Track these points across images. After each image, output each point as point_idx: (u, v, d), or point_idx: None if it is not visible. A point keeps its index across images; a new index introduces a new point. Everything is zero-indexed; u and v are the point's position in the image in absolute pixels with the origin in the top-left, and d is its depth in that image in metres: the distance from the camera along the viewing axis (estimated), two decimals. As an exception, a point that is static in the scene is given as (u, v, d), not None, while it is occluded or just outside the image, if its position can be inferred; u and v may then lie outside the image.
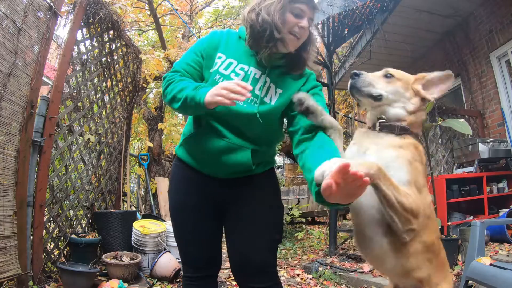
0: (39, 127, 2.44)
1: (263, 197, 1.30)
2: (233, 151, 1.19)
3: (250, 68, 1.21)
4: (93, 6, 2.97)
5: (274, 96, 1.21)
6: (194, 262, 1.32)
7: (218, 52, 1.23)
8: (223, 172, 1.25)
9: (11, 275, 2.04)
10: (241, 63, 1.21)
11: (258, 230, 1.26)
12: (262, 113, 1.17)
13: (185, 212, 1.30)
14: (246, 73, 1.20)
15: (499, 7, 4.32)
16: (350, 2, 4.12)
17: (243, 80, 1.18)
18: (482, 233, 2.00)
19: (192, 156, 1.28)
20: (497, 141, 3.98)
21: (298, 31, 1.15)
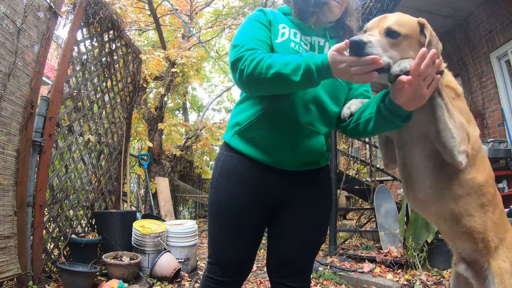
0: (39, 127, 2.44)
1: (320, 197, 1.22)
2: (308, 136, 1.11)
3: (312, 38, 1.18)
4: (93, 6, 2.97)
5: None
6: (227, 264, 1.19)
7: (280, 23, 1.17)
8: (293, 162, 1.13)
9: (11, 275, 2.04)
10: (303, 34, 1.17)
11: (310, 233, 1.20)
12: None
13: (232, 210, 1.16)
14: (310, 43, 1.17)
15: (499, 7, 4.32)
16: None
17: (311, 50, 1.16)
18: (482, 233, 2.00)
19: (257, 144, 1.13)
20: (497, 141, 3.97)
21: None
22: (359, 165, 6.01)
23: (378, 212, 4.00)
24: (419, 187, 1.06)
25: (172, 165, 6.42)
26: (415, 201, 1.11)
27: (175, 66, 5.49)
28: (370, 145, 7.36)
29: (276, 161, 1.14)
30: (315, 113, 1.12)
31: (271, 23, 1.17)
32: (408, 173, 1.09)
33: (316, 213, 1.21)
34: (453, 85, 1.05)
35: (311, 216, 1.20)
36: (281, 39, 1.13)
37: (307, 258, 1.22)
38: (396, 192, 5.52)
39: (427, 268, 2.91)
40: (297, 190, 1.18)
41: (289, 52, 1.09)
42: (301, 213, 1.19)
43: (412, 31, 0.98)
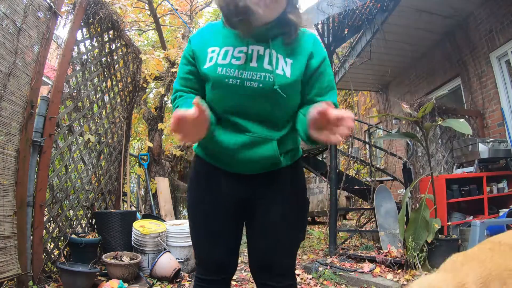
0: (39, 127, 2.44)
1: (290, 195, 1.21)
2: (256, 145, 1.11)
3: (249, 48, 1.10)
4: (93, 6, 2.97)
5: (286, 67, 1.10)
6: (208, 263, 1.23)
7: (208, 47, 1.14)
8: (247, 169, 1.15)
9: (11, 275, 2.04)
10: (238, 47, 1.11)
11: (284, 232, 1.20)
12: (281, 85, 1.07)
13: (204, 209, 1.20)
14: (246, 54, 1.10)
15: (499, 7, 4.32)
16: (350, 2, 4.12)
17: (246, 59, 1.09)
18: (482, 233, 2.01)
19: (211, 156, 1.19)
20: (497, 141, 3.97)
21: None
22: (359, 165, 6.01)
23: (378, 212, 4.00)
24: None
25: (172, 165, 6.42)
26: None
27: (175, 66, 5.49)
28: (370, 145, 7.36)
29: (234, 169, 1.16)
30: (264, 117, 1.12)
31: (195, 52, 1.16)
32: None
33: (288, 212, 1.19)
34: None
35: (283, 215, 1.19)
36: (209, 65, 1.11)
37: (286, 257, 1.22)
38: (396, 192, 5.52)
39: (427, 268, 2.91)
40: (265, 190, 1.19)
41: (217, 78, 1.09)
42: (273, 213, 1.18)
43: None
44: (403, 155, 5.73)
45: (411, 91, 6.54)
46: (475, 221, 2.06)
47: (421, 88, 6.18)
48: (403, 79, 6.83)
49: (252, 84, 1.07)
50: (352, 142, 5.64)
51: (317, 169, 5.63)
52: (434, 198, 2.29)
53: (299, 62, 1.12)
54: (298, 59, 1.12)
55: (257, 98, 1.08)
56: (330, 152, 4.72)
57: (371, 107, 8.13)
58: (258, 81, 1.07)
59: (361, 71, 6.10)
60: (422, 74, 6.22)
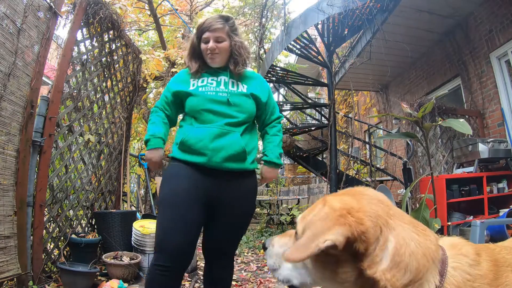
0: (39, 127, 2.44)
1: (249, 200, 1.67)
2: (225, 134, 1.55)
3: (219, 77, 1.69)
4: (93, 6, 2.97)
5: (243, 88, 1.70)
6: (173, 250, 1.42)
7: (189, 78, 1.71)
8: (219, 157, 1.52)
9: (11, 275, 2.04)
10: (210, 77, 1.70)
11: (237, 231, 1.68)
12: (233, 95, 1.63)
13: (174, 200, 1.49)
14: (217, 81, 1.68)
15: (499, 7, 4.32)
16: (350, 2, 4.13)
17: (217, 84, 1.66)
18: (482, 233, 2.01)
19: (190, 150, 1.55)
20: (497, 141, 3.97)
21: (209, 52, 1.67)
22: (359, 165, 6.00)
23: (378, 212, 3.99)
24: None
25: (172, 165, 6.41)
26: None
27: (175, 66, 5.49)
28: (370, 145, 7.36)
29: (208, 159, 1.52)
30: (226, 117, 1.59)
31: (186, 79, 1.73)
32: None
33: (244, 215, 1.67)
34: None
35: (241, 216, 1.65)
36: (193, 87, 1.67)
37: (233, 246, 1.73)
38: (396, 192, 5.52)
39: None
40: (227, 190, 1.57)
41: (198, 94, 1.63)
42: (233, 215, 1.61)
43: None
44: (403, 155, 5.73)
45: (411, 91, 6.54)
46: (475, 221, 2.06)
47: (421, 88, 6.18)
48: (403, 79, 6.83)
49: (223, 94, 1.63)
50: (352, 142, 5.64)
51: (317, 169, 5.63)
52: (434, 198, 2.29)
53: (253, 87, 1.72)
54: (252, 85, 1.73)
55: (225, 104, 1.60)
56: (330, 152, 4.72)
57: (371, 107, 8.13)
58: (227, 92, 1.63)
59: (361, 71, 6.10)
60: (422, 74, 6.22)
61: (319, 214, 0.72)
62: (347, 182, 4.62)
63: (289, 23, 4.74)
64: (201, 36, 1.67)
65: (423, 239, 0.71)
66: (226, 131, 1.55)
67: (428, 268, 0.68)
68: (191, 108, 1.62)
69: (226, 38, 1.67)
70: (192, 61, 1.72)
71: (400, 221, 0.72)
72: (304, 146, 6.81)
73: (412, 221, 0.75)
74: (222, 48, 1.66)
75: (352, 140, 5.54)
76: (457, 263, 0.71)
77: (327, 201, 0.75)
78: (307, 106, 6.21)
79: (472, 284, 0.68)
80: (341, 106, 9.01)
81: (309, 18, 4.42)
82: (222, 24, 1.67)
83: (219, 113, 1.58)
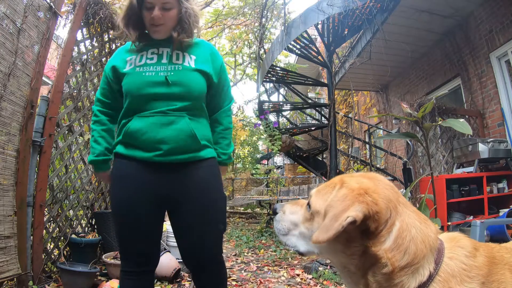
0: (39, 127, 2.44)
1: (208, 190, 1.40)
2: (172, 122, 1.33)
3: (160, 49, 1.43)
4: (93, 6, 2.97)
5: (190, 61, 1.42)
6: (131, 256, 1.36)
7: (127, 57, 1.44)
8: (166, 149, 1.32)
9: (11, 275, 2.04)
10: (150, 49, 1.43)
11: (200, 231, 1.38)
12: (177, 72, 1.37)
13: (126, 203, 1.35)
14: (157, 54, 1.41)
15: (499, 7, 4.32)
16: (350, 2, 4.12)
17: (158, 59, 1.40)
18: (482, 233, 2.00)
19: (134, 145, 1.36)
20: (497, 141, 3.97)
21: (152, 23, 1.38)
22: (359, 165, 6.00)
23: (378, 212, 4.00)
24: None
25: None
26: None
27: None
28: (370, 145, 7.36)
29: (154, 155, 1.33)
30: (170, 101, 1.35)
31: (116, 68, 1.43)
32: None
33: (202, 209, 1.38)
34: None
35: (198, 214, 1.37)
36: (129, 68, 1.40)
37: (207, 251, 1.41)
38: (396, 192, 5.51)
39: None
40: (182, 186, 1.36)
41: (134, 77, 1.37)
42: (188, 213, 1.37)
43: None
44: (403, 155, 5.73)
45: (411, 91, 6.54)
46: (475, 221, 2.06)
47: (421, 88, 6.18)
48: (403, 79, 6.83)
49: (165, 73, 1.36)
50: (352, 142, 5.64)
51: (317, 169, 5.63)
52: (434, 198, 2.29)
53: (201, 58, 1.44)
54: (200, 56, 1.45)
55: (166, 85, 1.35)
56: (330, 152, 4.72)
57: (371, 107, 8.13)
58: (170, 70, 1.37)
59: (361, 71, 6.10)
60: (422, 74, 6.22)
61: (338, 195, 0.77)
62: (347, 182, 4.61)
63: (289, 23, 4.74)
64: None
65: (424, 227, 0.76)
66: (172, 119, 1.32)
67: (425, 255, 0.73)
68: (127, 93, 1.37)
69: (175, 4, 1.37)
70: (129, 28, 1.41)
71: (406, 209, 0.78)
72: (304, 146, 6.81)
73: (416, 210, 0.80)
74: (169, 17, 1.37)
75: (352, 140, 5.54)
76: (453, 253, 0.75)
77: (345, 181, 0.80)
78: (307, 106, 6.21)
79: (468, 274, 0.71)
80: (341, 106, 9.01)
81: (309, 18, 4.42)
82: None
83: (161, 97, 1.34)
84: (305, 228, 0.86)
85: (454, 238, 0.80)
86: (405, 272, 0.72)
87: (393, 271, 0.71)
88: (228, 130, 1.56)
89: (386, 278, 0.73)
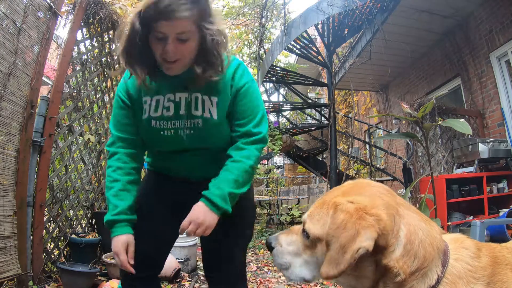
0: (39, 127, 2.44)
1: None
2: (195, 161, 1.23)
3: (176, 95, 1.16)
4: (93, 6, 2.97)
5: (212, 107, 1.16)
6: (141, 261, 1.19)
7: (143, 97, 1.19)
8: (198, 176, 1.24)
9: (11, 275, 2.04)
10: (167, 94, 1.16)
11: (222, 242, 1.24)
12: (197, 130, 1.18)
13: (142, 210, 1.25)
14: (174, 101, 1.16)
15: (499, 7, 4.32)
16: (350, 2, 4.13)
17: (176, 110, 1.16)
18: (482, 233, 2.00)
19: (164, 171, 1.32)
20: (497, 141, 3.97)
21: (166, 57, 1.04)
22: (359, 165, 6.00)
23: (378, 212, 4.00)
24: None
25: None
26: None
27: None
28: (370, 145, 7.36)
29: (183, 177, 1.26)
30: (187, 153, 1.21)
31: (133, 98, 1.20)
32: None
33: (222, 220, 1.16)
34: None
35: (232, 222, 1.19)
36: (145, 116, 1.18)
37: (230, 262, 1.26)
38: (396, 192, 5.50)
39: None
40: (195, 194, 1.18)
41: (151, 132, 1.19)
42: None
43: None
44: (403, 155, 5.73)
45: (411, 91, 6.54)
46: (475, 221, 2.06)
47: (421, 88, 6.18)
48: (403, 79, 6.83)
49: (186, 131, 1.17)
50: (352, 142, 5.65)
51: (317, 169, 5.63)
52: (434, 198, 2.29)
53: (222, 98, 1.16)
54: (222, 96, 1.16)
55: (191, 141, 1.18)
56: (330, 152, 4.73)
57: (371, 107, 8.13)
58: (190, 128, 1.16)
59: (361, 71, 6.10)
60: (422, 74, 6.22)
61: (336, 222, 0.71)
62: (347, 182, 4.62)
63: (289, 23, 4.74)
64: (151, 23, 1.00)
65: (429, 228, 0.74)
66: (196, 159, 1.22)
67: (434, 258, 0.70)
68: (145, 141, 1.24)
69: (195, 32, 1.03)
70: (134, 64, 1.08)
71: (407, 210, 0.75)
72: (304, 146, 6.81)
73: (417, 210, 0.77)
74: (187, 51, 1.05)
75: (352, 140, 5.55)
76: (459, 255, 0.73)
77: (338, 203, 0.74)
78: (307, 106, 6.21)
79: (473, 275, 0.70)
80: (341, 106, 9.01)
81: (309, 18, 4.42)
82: (189, 7, 0.98)
83: (182, 150, 1.21)
84: (307, 256, 0.81)
85: (458, 239, 0.79)
86: (415, 276, 0.69)
87: (405, 279, 0.69)
88: (238, 164, 1.15)
89: (397, 285, 0.70)
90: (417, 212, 0.77)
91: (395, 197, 0.77)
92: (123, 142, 1.22)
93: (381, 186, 0.79)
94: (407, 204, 0.78)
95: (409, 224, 0.72)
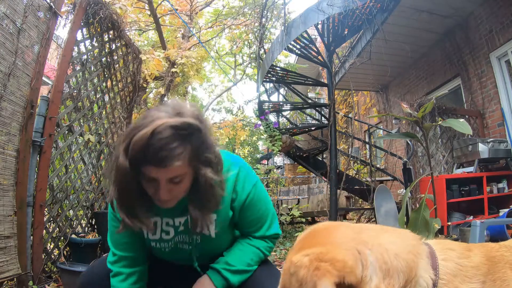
0: (39, 127, 2.44)
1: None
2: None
3: (175, 219, 1.14)
4: (93, 6, 2.97)
5: (211, 225, 1.13)
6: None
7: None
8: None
9: (11, 275, 2.04)
10: (164, 217, 1.14)
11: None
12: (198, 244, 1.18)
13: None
14: (174, 226, 1.14)
15: (499, 7, 4.32)
16: (350, 2, 4.12)
17: (175, 231, 1.15)
18: (482, 233, 2.00)
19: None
20: (497, 141, 3.97)
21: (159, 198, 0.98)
22: (359, 165, 6.00)
23: (378, 212, 4.00)
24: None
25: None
26: None
27: (175, 66, 5.49)
28: (370, 145, 7.36)
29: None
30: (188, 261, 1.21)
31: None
32: None
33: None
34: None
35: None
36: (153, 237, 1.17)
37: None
38: (396, 192, 5.52)
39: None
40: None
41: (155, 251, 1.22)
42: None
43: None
44: (403, 155, 5.73)
45: (411, 91, 6.54)
46: (475, 221, 2.06)
47: (421, 88, 6.18)
48: (403, 79, 6.83)
49: (184, 246, 1.18)
50: (352, 142, 5.64)
51: (317, 169, 5.63)
52: (434, 198, 2.29)
53: (222, 214, 1.14)
54: (221, 212, 1.12)
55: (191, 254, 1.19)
56: (330, 152, 4.72)
57: (371, 107, 8.13)
58: (188, 243, 1.18)
59: (361, 71, 6.10)
60: (422, 74, 6.22)
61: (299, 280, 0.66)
62: (347, 182, 4.62)
63: (289, 23, 4.74)
64: (139, 166, 0.92)
65: (401, 238, 0.71)
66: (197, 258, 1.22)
67: (418, 264, 0.68)
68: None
69: (187, 171, 0.96)
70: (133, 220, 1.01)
71: (372, 231, 0.71)
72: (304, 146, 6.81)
73: (383, 227, 0.74)
74: (180, 191, 1.00)
75: (352, 140, 5.54)
76: (446, 255, 0.72)
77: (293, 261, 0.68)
78: (307, 106, 6.21)
79: (465, 274, 0.69)
80: (341, 106, 9.01)
81: (309, 18, 4.42)
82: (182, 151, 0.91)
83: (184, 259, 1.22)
84: None
85: (441, 242, 0.77)
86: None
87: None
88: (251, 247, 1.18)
89: None
90: (382, 228, 0.74)
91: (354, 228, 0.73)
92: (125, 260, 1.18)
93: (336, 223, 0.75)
94: (371, 226, 0.75)
95: (377, 245, 0.68)
